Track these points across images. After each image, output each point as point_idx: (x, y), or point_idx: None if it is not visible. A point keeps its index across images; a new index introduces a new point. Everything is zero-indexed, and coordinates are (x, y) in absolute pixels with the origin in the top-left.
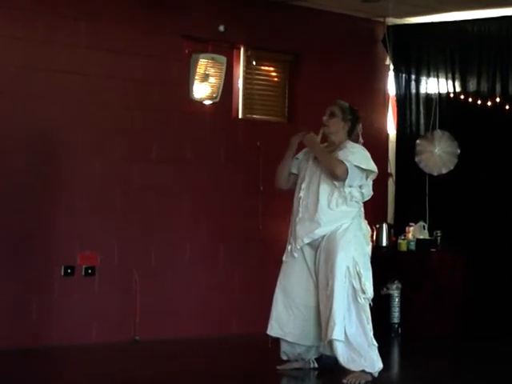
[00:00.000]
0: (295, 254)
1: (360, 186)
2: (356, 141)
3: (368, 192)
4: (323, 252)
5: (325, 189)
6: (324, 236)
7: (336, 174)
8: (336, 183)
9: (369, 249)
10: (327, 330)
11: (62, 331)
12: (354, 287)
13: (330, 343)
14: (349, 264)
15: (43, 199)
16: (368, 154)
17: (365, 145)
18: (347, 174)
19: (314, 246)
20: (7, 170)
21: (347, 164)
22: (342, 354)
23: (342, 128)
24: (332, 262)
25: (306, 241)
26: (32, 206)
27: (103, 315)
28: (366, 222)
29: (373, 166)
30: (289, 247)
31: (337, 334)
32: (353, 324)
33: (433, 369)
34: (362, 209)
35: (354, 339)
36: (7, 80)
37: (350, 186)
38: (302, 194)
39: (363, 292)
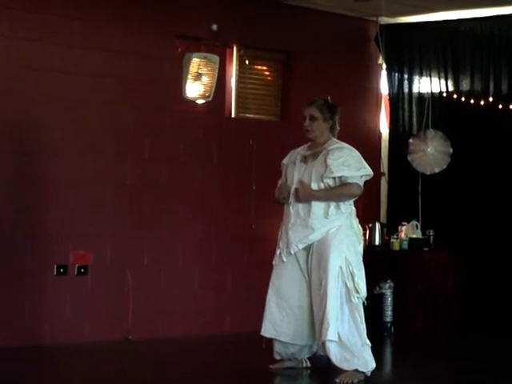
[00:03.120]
0: (284, 259)
1: None
2: (335, 133)
3: (361, 190)
4: (315, 252)
5: None
6: None
7: (356, 195)
8: (325, 185)
9: (361, 248)
10: (321, 331)
11: (55, 330)
12: (347, 287)
13: (323, 343)
14: (341, 264)
15: (36, 198)
16: (357, 154)
17: (357, 144)
18: (361, 187)
19: (306, 246)
20: (0, 168)
21: (354, 181)
22: (335, 354)
23: (325, 129)
24: (325, 263)
25: (301, 246)
26: (24, 205)
27: (96, 314)
28: (358, 220)
29: (369, 170)
30: (278, 251)
31: (331, 334)
32: (345, 324)
33: (425, 368)
34: (354, 207)
35: (347, 339)
36: (4, 80)
37: None
38: (291, 199)
39: (357, 291)
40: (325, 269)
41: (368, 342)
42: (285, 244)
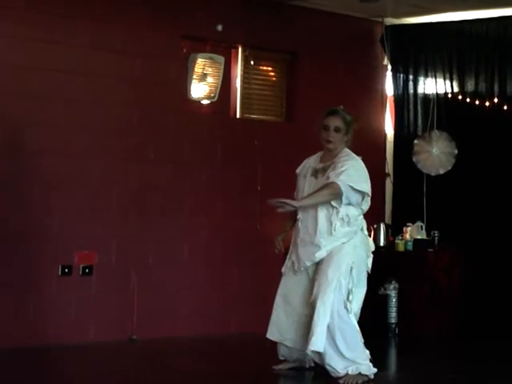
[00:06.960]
0: (296, 273)
1: (359, 203)
2: (348, 144)
3: (368, 206)
4: (323, 264)
5: (322, 212)
6: None
7: (334, 193)
8: (333, 204)
9: (369, 261)
10: (310, 340)
11: (60, 330)
12: (342, 301)
13: (319, 353)
14: (341, 278)
15: (41, 198)
16: (362, 167)
17: (362, 145)
18: (341, 189)
19: None
20: (4, 168)
21: (339, 183)
22: (336, 365)
23: (343, 141)
24: (326, 274)
25: (308, 264)
26: (29, 205)
27: (101, 315)
28: (371, 238)
29: (367, 187)
30: (289, 263)
31: (316, 345)
32: (340, 336)
33: (430, 369)
34: (364, 221)
35: (345, 351)
36: (8, 79)
37: (349, 204)
38: (300, 215)
39: (347, 309)
40: (325, 280)
41: (367, 351)
42: (296, 260)
